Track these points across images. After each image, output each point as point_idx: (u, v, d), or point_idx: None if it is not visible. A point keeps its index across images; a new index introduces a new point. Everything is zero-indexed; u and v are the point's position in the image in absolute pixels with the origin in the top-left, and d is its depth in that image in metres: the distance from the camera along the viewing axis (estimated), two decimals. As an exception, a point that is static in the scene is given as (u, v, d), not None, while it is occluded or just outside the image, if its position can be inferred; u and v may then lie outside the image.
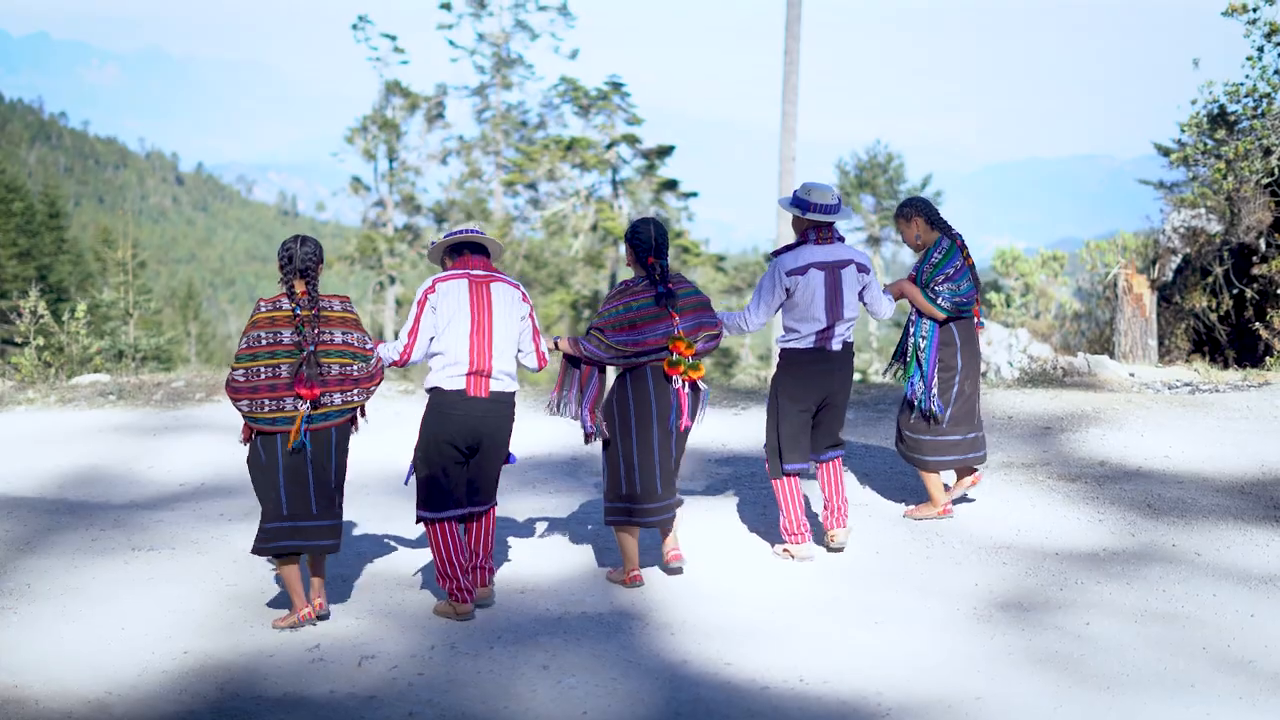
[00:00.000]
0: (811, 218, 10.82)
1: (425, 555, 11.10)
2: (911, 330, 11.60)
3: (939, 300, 11.42)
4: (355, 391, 9.43)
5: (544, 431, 15.10)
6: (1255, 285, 21.76)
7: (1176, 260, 25.58)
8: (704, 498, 12.65)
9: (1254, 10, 22.22)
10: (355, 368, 9.40)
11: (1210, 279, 23.24)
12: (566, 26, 70.93)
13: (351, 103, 77.34)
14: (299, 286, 9.39)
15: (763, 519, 11.91)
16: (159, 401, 17.10)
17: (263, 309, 9.30)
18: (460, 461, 9.71)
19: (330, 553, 9.52)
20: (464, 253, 9.84)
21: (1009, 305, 33.32)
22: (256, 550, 9.43)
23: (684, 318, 10.26)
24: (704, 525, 11.72)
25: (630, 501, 10.30)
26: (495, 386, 9.67)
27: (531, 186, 62.42)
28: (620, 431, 10.28)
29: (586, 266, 59.34)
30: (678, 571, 10.55)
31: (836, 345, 10.87)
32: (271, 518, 9.33)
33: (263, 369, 9.18)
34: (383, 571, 10.71)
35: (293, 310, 9.27)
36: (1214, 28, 24.46)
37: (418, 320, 9.62)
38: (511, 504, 12.54)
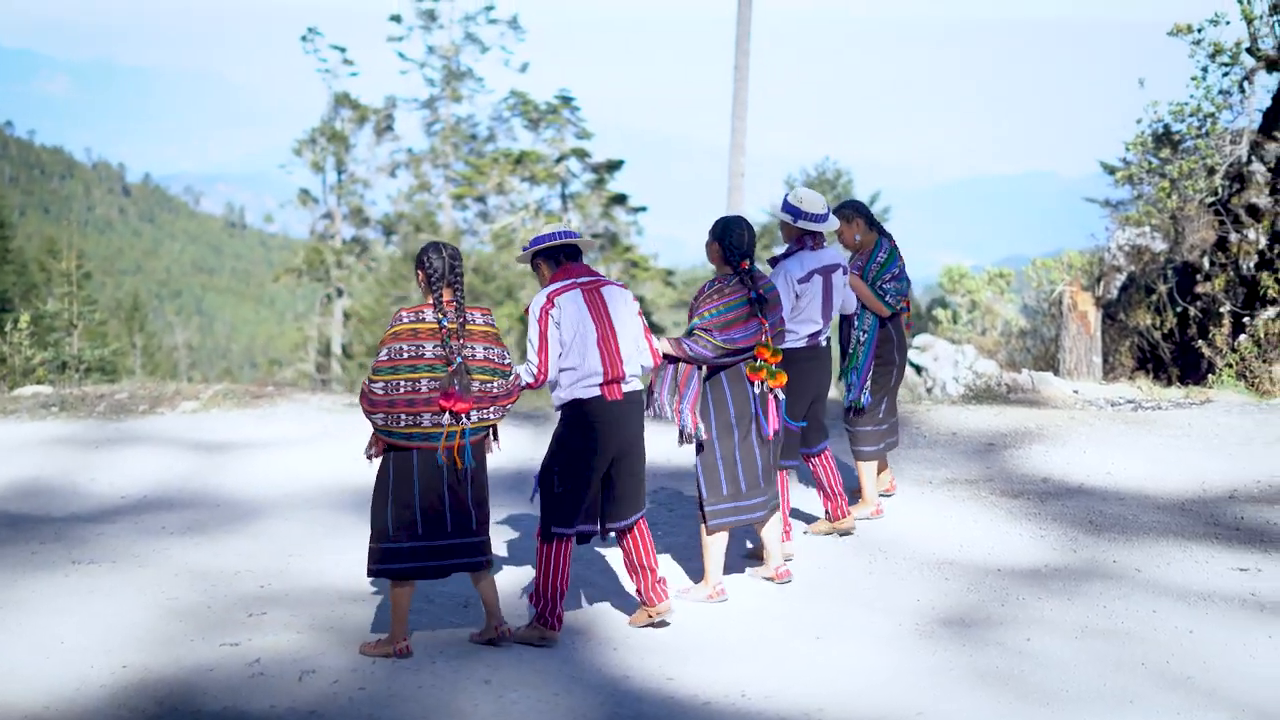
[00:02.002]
0: (803, 226, 11.05)
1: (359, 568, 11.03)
2: (854, 325, 11.78)
3: (886, 298, 11.78)
4: (491, 410, 9.09)
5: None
6: (1199, 303, 21.87)
7: (1121, 278, 25.71)
8: (649, 514, 12.64)
9: (1199, 31, 22.36)
10: (495, 385, 9.07)
11: (1154, 297, 23.35)
12: (517, 40, 71.02)
13: (300, 114, 77.08)
14: (447, 296, 9.07)
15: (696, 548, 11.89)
16: (102, 413, 16.98)
17: (405, 320, 8.96)
18: (602, 472, 9.53)
19: (482, 569, 9.23)
20: (559, 257, 9.61)
21: (955, 322, 33.44)
22: (376, 573, 9.08)
23: (770, 319, 10.31)
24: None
25: (736, 500, 10.25)
26: (627, 388, 9.54)
27: (480, 200, 62.42)
28: (720, 431, 10.23)
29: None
30: (788, 581, 10.72)
31: (823, 342, 11.25)
32: (395, 538, 9.00)
33: (402, 383, 8.85)
34: (325, 586, 10.65)
35: (439, 321, 8.95)
36: (1160, 48, 24.60)
37: (544, 337, 9.35)
38: (455, 518, 12.50)
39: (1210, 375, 18.95)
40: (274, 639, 9.37)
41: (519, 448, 14.85)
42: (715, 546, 10.33)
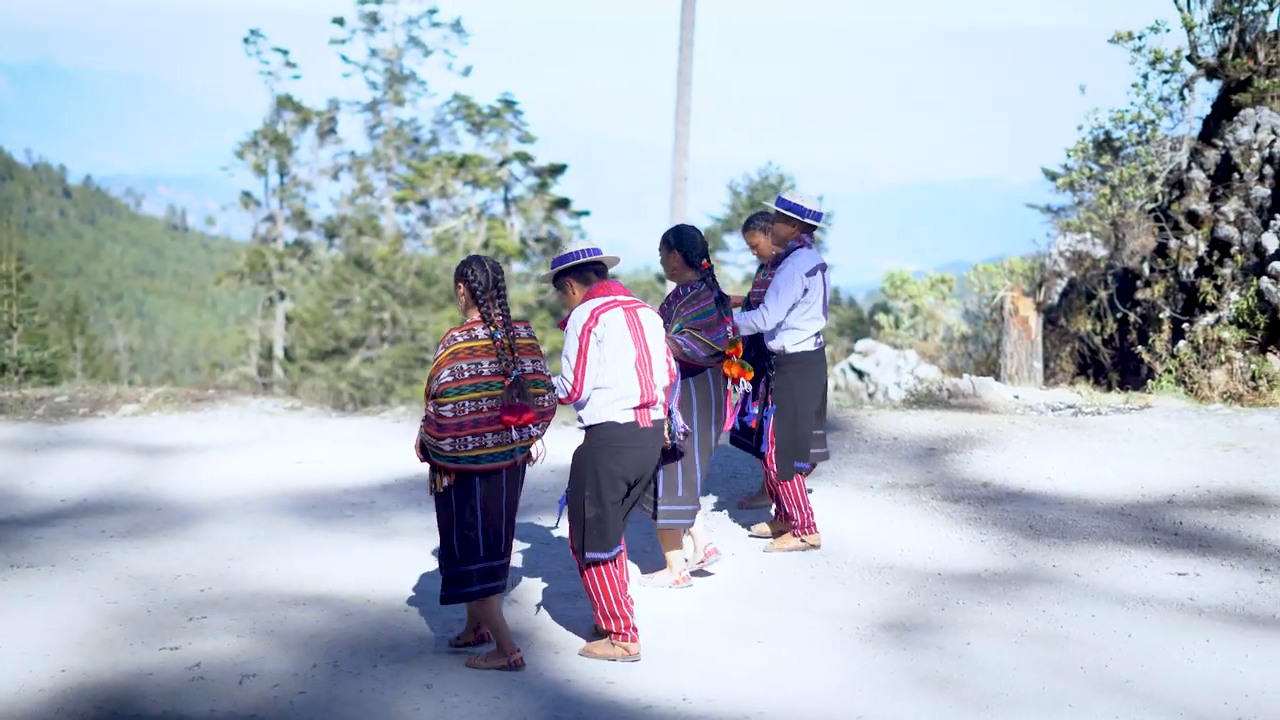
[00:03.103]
0: (810, 222, 11.32)
1: (313, 574, 10.99)
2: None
3: None
4: (535, 426, 9.03)
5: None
6: (1139, 309, 22.02)
7: (1062, 284, 25.86)
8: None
9: (1139, 38, 22.52)
10: (545, 398, 9.00)
11: (1095, 303, 23.51)
12: (460, 43, 70.93)
13: (242, 117, 76.86)
14: (494, 310, 8.92)
15: (651, 538, 11.89)
16: (41, 416, 16.89)
17: (459, 339, 8.83)
18: (626, 496, 9.47)
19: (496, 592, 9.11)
20: (589, 274, 9.50)
21: (897, 327, 33.58)
22: (454, 598, 8.95)
23: (731, 317, 10.58)
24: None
25: (693, 503, 10.46)
26: (655, 415, 9.46)
27: (423, 203, 62.26)
28: (700, 430, 10.49)
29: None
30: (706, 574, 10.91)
31: (823, 342, 11.54)
32: (468, 560, 8.89)
33: (467, 404, 8.72)
34: (266, 590, 10.61)
35: (492, 335, 8.83)
36: (1101, 54, 24.75)
37: (584, 353, 9.23)
38: (397, 520, 12.49)
39: (1150, 381, 19.07)
40: (214, 643, 9.34)
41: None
42: (670, 536, 10.49)
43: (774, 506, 11.68)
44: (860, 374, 29.17)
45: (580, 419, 9.41)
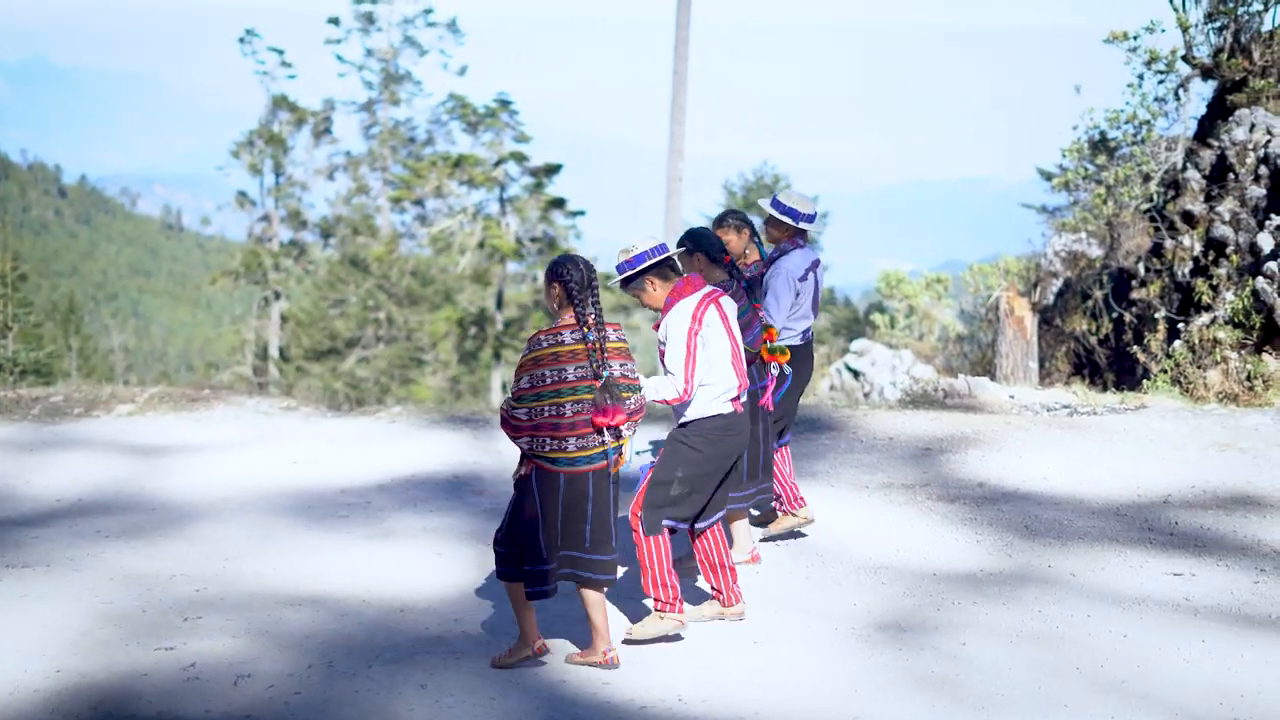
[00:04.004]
0: (803, 226, 11.33)
1: (309, 575, 10.98)
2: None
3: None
4: (625, 428, 9.04)
5: (425, 450, 15.02)
6: (1134, 309, 22.03)
7: (1058, 284, 25.87)
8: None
9: (1134, 38, 22.54)
10: (632, 400, 9.00)
11: (1090, 302, 23.52)
12: (455, 43, 71.02)
13: (238, 116, 76.74)
14: (589, 311, 8.87)
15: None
16: (37, 416, 16.87)
17: (544, 344, 8.80)
18: (725, 477, 9.77)
19: (608, 587, 9.14)
20: (666, 271, 9.57)
21: (893, 327, 33.60)
22: (536, 595, 8.96)
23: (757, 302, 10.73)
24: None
25: (750, 487, 10.74)
26: (744, 399, 9.71)
27: (419, 203, 62.25)
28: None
29: (473, 284, 59.20)
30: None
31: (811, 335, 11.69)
32: (548, 559, 8.90)
33: (546, 408, 8.72)
34: (261, 590, 10.60)
35: (585, 337, 8.80)
36: (1097, 54, 24.76)
37: (692, 355, 9.33)
38: (393, 521, 12.47)
39: (1145, 381, 19.07)
40: (209, 643, 9.34)
41: (454, 452, 14.84)
42: (735, 515, 10.82)
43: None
44: (856, 374, 29.20)
45: (680, 414, 9.57)
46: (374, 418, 16.91)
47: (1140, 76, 22.77)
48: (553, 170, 57.35)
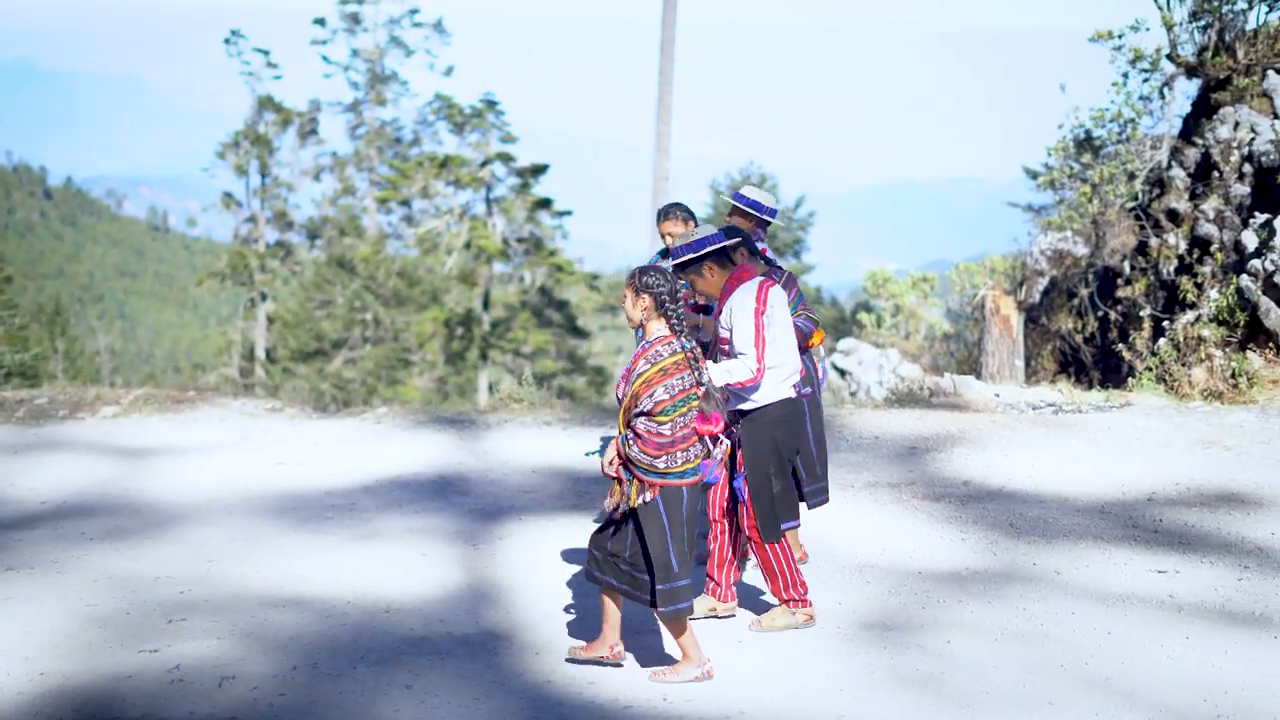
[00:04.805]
0: (766, 218, 11.35)
1: (293, 576, 10.96)
2: None
3: None
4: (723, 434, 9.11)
5: (411, 451, 15.01)
6: (1119, 307, 22.07)
7: (1044, 282, 25.90)
8: (568, 515, 12.62)
9: (1119, 37, 22.58)
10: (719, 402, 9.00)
11: (1076, 301, 23.56)
12: (441, 43, 71.08)
13: (224, 118, 76.74)
14: (678, 319, 8.76)
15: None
16: (21, 419, 16.83)
17: (666, 354, 8.65)
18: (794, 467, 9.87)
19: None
20: (724, 258, 9.61)
21: (879, 326, 33.62)
22: (674, 613, 8.78)
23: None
24: (569, 544, 11.69)
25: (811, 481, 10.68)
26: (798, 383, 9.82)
27: (405, 204, 62.34)
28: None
29: (460, 284, 59.22)
30: None
31: None
32: (681, 575, 8.78)
33: (679, 420, 8.64)
34: (245, 592, 10.57)
35: (683, 345, 8.70)
36: (1081, 54, 24.81)
37: (760, 335, 9.37)
38: (377, 523, 12.46)
39: (1130, 379, 19.10)
40: (194, 645, 9.32)
41: (440, 453, 14.83)
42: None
43: None
44: (842, 373, 29.21)
45: (750, 400, 9.58)
46: (360, 419, 16.89)
47: (1125, 75, 22.83)
48: (539, 170, 57.37)
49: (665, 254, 11.72)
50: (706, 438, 8.87)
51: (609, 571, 8.89)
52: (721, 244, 9.51)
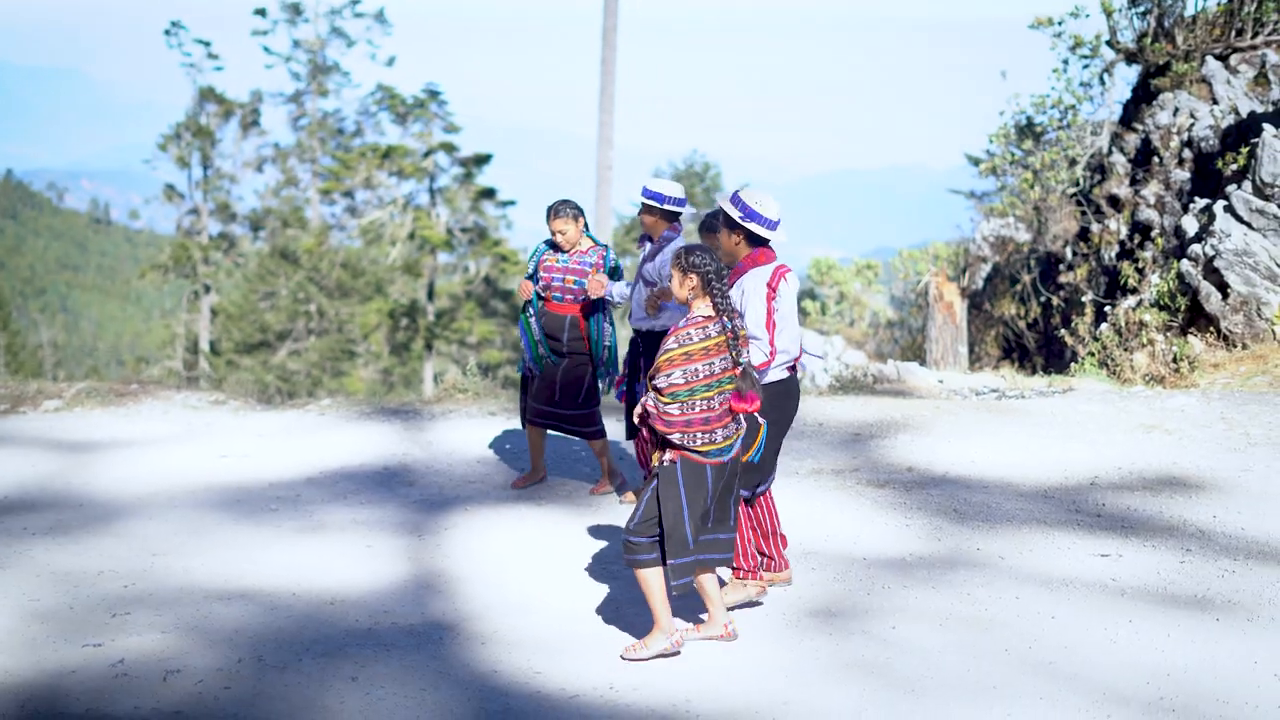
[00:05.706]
0: (670, 209, 11.51)
1: (238, 569, 10.92)
2: (606, 317, 12.57)
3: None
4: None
5: (356, 442, 14.96)
6: (1061, 293, 22.18)
7: (986, 268, 26.01)
8: (513, 505, 12.60)
9: (1059, 24, 22.69)
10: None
11: (1019, 287, 23.67)
12: (383, 34, 70.86)
13: (165, 109, 76.45)
14: (723, 299, 8.81)
15: (575, 526, 11.88)
16: (-38, 413, 16.70)
17: (695, 338, 8.71)
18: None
19: (723, 565, 9.31)
20: (755, 237, 9.65)
21: (824, 313, 33.70)
22: (684, 586, 8.98)
23: None
24: (515, 534, 11.69)
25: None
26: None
27: (348, 194, 62.17)
28: None
29: (404, 275, 59.11)
30: None
31: None
32: (696, 549, 8.92)
33: (698, 403, 8.67)
34: (190, 585, 10.52)
35: (724, 326, 8.74)
36: (1022, 41, 24.91)
37: (772, 316, 9.49)
38: (322, 514, 12.41)
39: (1073, 364, 19.22)
40: (138, 640, 9.27)
41: (385, 444, 14.79)
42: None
43: None
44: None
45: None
46: (304, 411, 16.83)
47: (1065, 62, 22.95)
48: (483, 160, 57.29)
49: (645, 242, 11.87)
50: (740, 415, 8.95)
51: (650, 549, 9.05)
52: (769, 230, 9.54)
